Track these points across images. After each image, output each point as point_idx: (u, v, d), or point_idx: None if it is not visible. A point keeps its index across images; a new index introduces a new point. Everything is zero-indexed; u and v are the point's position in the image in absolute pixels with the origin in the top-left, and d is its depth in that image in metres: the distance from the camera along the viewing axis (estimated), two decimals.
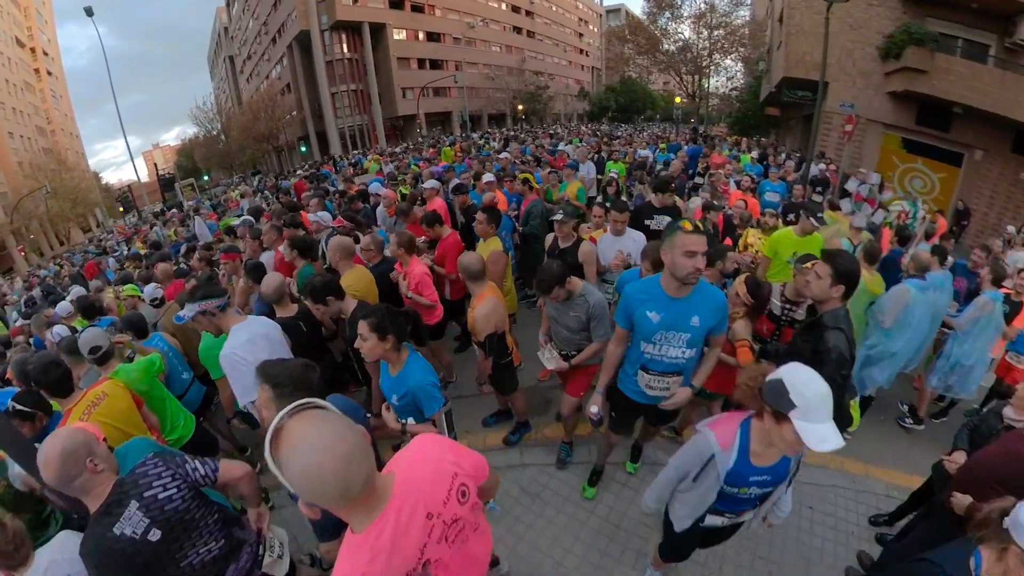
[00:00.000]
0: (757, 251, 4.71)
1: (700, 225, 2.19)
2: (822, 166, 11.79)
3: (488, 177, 6.52)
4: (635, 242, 4.00)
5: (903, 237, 5.32)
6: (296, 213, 5.98)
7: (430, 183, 6.62)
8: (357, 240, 4.60)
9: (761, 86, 26.45)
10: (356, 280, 3.57)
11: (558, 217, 3.88)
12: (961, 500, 2.08)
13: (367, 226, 5.70)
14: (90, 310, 4.93)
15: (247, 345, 2.56)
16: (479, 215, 4.11)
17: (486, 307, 3.01)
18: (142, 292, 5.00)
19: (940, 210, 12.64)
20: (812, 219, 4.01)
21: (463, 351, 5.22)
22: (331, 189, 11.22)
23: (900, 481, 3.51)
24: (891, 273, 4.50)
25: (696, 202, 7.94)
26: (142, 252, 11.30)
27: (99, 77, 19.18)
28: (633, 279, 3.06)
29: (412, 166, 13.45)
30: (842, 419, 2.62)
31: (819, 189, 10.06)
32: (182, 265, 6.60)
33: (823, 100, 13.45)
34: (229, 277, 4.90)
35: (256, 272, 3.91)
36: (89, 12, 13.81)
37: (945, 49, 13.21)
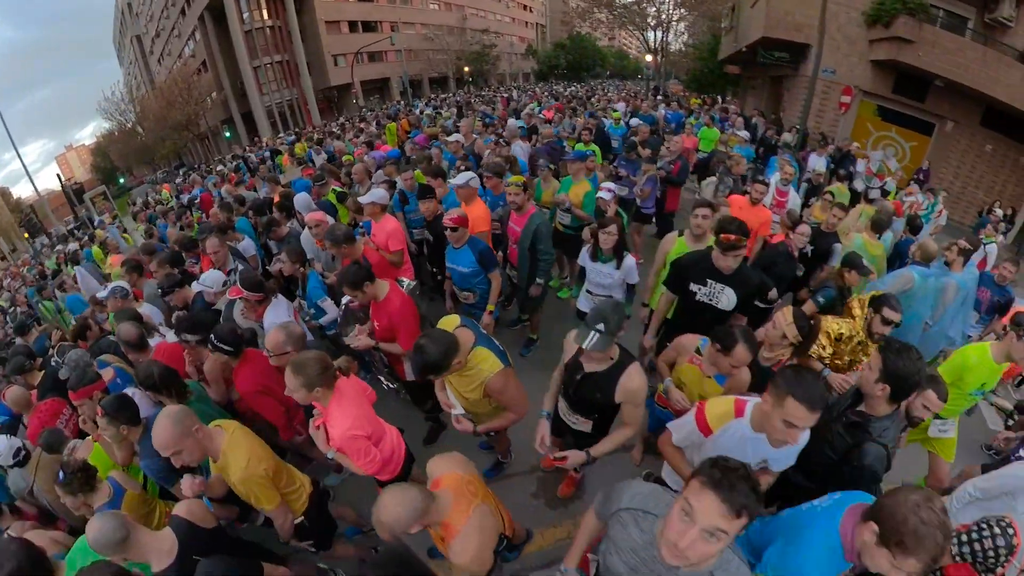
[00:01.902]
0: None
1: None
2: (818, 166, 8.34)
3: (462, 179, 4.15)
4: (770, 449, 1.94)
5: (914, 227, 5.75)
6: (176, 272, 4.26)
7: (371, 196, 4.13)
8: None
9: (720, 43, 25.77)
10: (246, 469, 2.15)
11: (591, 341, 2.01)
12: None
13: (301, 263, 3.99)
14: None
15: None
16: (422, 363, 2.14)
17: (471, 537, 1.76)
18: None
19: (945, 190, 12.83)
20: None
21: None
22: (247, 198, 7.63)
23: None
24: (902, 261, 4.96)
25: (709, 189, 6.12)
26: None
27: None
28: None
29: (349, 154, 9.64)
30: None
31: (810, 202, 7.20)
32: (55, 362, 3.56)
33: (817, 66, 12.94)
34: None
35: (126, 411, 2.47)
36: None
37: (931, 20, 12.95)
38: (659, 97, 20.66)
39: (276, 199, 5.76)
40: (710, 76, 28.69)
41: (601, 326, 2.02)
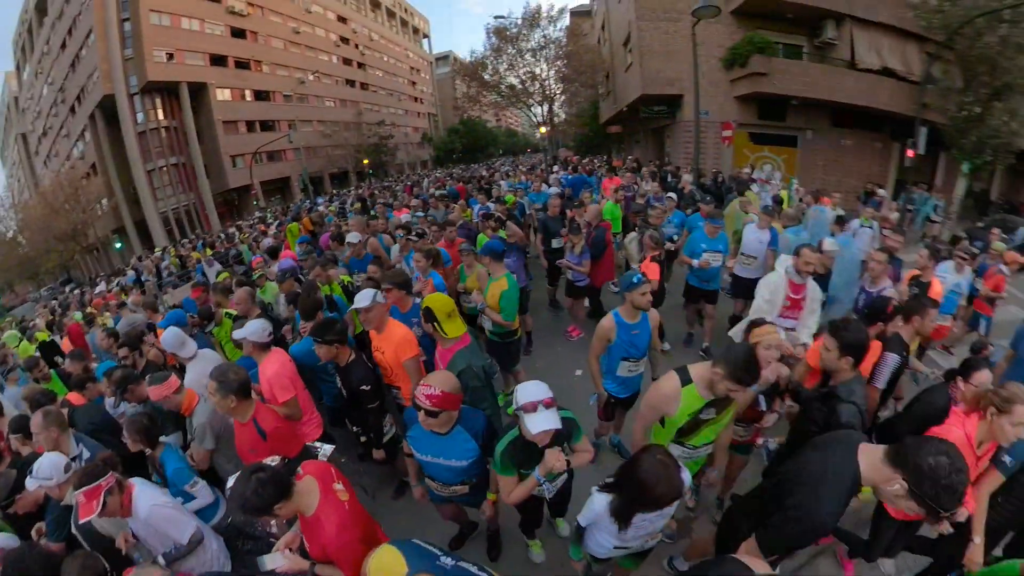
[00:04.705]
0: None
1: None
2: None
3: (364, 299, 3.27)
4: None
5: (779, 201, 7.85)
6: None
7: (244, 331, 3.29)
8: None
9: (599, 108, 29.57)
10: None
11: None
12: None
13: (148, 442, 2.89)
14: None
15: None
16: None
17: None
18: None
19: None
20: None
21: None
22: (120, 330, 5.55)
23: None
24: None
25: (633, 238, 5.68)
26: None
27: None
28: None
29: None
30: None
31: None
32: None
33: (697, 111, 15.19)
34: None
35: None
36: None
37: (775, 53, 16.34)
38: (555, 168, 19.11)
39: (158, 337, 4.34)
40: (595, 138, 32.52)
41: None
